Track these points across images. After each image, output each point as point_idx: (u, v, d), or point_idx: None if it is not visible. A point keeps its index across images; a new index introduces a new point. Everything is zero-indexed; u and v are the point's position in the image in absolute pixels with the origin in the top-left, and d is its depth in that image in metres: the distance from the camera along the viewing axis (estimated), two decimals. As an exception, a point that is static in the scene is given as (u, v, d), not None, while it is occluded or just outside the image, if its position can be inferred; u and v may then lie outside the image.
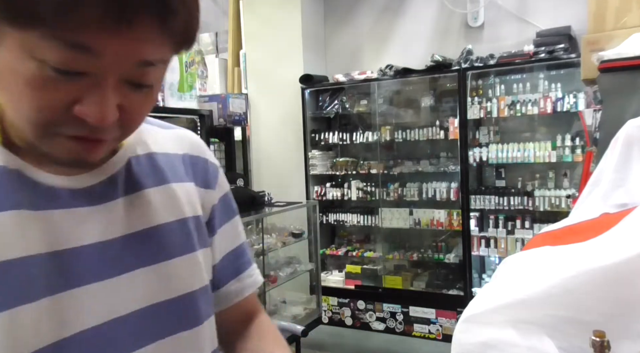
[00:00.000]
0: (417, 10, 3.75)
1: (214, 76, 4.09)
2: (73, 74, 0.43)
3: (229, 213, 0.71)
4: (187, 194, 0.64)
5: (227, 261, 0.70)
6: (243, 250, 0.73)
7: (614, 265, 0.60)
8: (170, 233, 0.60)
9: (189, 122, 2.70)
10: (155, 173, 0.62)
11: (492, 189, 3.43)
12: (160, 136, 0.66)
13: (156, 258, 0.58)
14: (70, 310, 0.50)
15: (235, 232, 0.72)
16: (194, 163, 0.67)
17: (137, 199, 0.58)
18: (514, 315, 0.67)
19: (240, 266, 0.72)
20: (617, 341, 0.56)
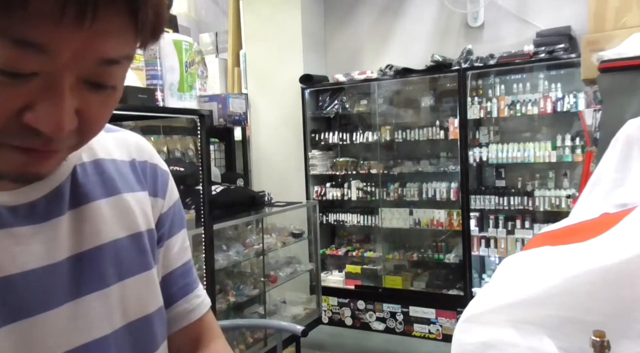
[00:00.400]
0: (417, 10, 3.75)
1: (214, 76, 4.09)
2: (23, 76, 0.35)
3: (178, 224, 0.64)
4: (141, 205, 0.57)
5: (175, 279, 0.63)
6: (190, 267, 0.66)
7: (614, 265, 0.60)
8: (124, 250, 0.54)
9: (189, 122, 2.70)
10: (104, 182, 0.54)
11: (492, 189, 3.43)
12: (106, 141, 0.58)
13: (110, 279, 0.51)
14: (18, 345, 0.43)
15: (182, 246, 0.64)
16: (143, 169, 0.60)
17: (86, 213, 0.51)
18: (514, 315, 0.67)
19: (188, 285, 0.64)
20: (617, 341, 0.56)
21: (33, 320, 0.45)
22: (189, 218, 2.30)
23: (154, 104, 2.02)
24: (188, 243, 0.66)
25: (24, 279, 0.45)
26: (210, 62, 4.02)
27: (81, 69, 0.37)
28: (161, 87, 2.06)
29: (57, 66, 0.36)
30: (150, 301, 0.56)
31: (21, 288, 0.44)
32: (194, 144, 2.85)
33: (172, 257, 0.63)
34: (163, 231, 0.61)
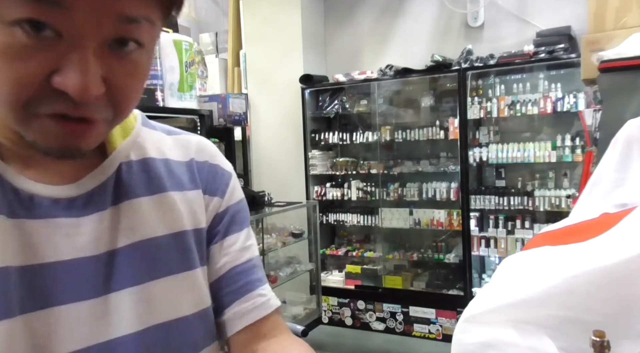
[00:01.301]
0: (417, 10, 3.75)
1: (214, 76, 4.09)
2: (49, 39, 0.38)
3: (239, 223, 0.62)
4: (190, 204, 0.57)
5: (234, 276, 0.60)
6: (253, 265, 0.62)
7: (614, 265, 0.60)
8: (165, 248, 0.53)
9: (189, 122, 2.69)
10: (149, 180, 0.55)
11: (492, 189, 3.43)
12: (164, 142, 0.59)
13: (146, 276, 0.51)
14: (40, 333, 0.44)
15: (244, 245, 0.62)
16: (201, 169, 0.60)
17: (127, 209, 0.51)
18: (514, 315, 0.67)
19: (250, 283, 0.61)
20: (617, 341, 0.56)
21: (57, 309, 0.45)
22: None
23: (154, 104, 2.02)
24: (253, 242, 0.64)
25: (57, 268, 0.46)
26: (210, 62, 4.02)
27: (102, 29, 0.39)
28: (161, 87, 2.06)
29: (77, 25, 0.38)
30: (189, 303, 0.54)
31: (52, 276, 0.45)
32: (194, 144, 2.84)
33: (232, 254, 0.60)
34: (219, 228, 0.60)
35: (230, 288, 0.60)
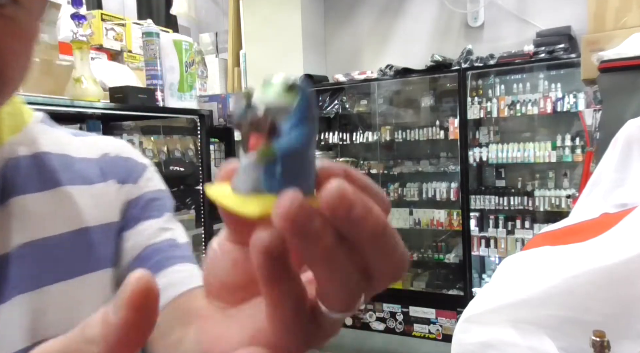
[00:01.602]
0: (417, 10, 3.75)
1: (214, 76, 4.09)
2: None
3: (155, 210, 0.57)
4: (96, 198, 0.52)
5: (146, 256, 0.53)
6: (173, 245, 0.55)
7: (614, 265, 0.60)
8: (64, 248, 0.47)
9: (189, 122, 2.69)
10: (41, 174, 0.49)
11: (492, 189, 3.43)
12: (65, 140, 0.55)
13: (40, 281, 0.45)
14: None
15: (163, 226, 0.56)
16: (114, 161, 0.57)
17: (15, 208, 0.46)
18: (514, 315, 0.67)
19: (166, 260, 0.53)
20: (617, 341, 0.56)
21: None
22: (189, 218, 2.30)
23: (154, 104, 2.02)
24: (176, 228, 0.58)
25: None
26: (210, 62, 4.02)
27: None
28: (161, 87, 2.06)
29: None
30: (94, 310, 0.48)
31: None
32: (194, 144, 2.85)
33: (147, 234, 0.54)
34: (133, 214, 0.55)
35: (143, 266, 0.51)
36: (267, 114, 0.23)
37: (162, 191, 0.61)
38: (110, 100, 1.92)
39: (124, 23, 2.74)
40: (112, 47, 2.63)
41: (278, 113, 0.23)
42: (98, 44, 2.52)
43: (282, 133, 0.23)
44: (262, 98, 0.24)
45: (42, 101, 1.61)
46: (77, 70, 1.68)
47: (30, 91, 1.65)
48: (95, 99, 1.73)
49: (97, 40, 2.51)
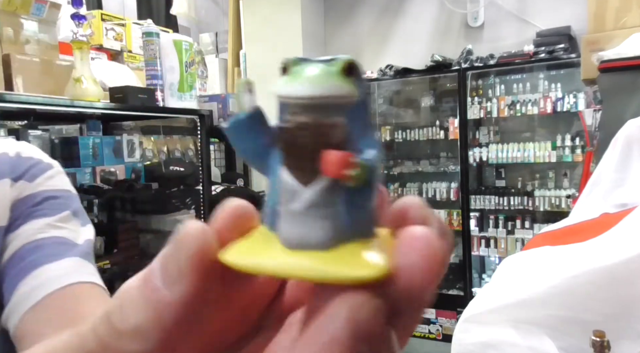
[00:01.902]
0: (417, 10, 3.75)
1: (214, 76, 4.09)
2: None
3: (50, 209, 0.52)
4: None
5: (20, 257, 0.48)
6: (59, 242, 0.50)
7: (614, 265, 0.60)
8: None
9: (189, 122, 2.70)
10: None
11: (492, 189, 3.43)
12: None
13: None
14: None
15: (50, 224, 0.51)
16: (12, 161, 0.53)
17: None
18: (514, 315, 0.67)
19: (41, 258, 0.47)
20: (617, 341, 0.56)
21: None
22: (189, 218, 2.30)
23: (154, 104, 2.02)
24: (74, 228, 0.53)
25: None
26: (210, 62, 4.02)
27: None
28: (161, 87, 2.06)
29: None
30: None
31: None
32: (194, 144, 2.85)
33: (28, 233, 0.49)
34: (23, 213, 0.51)
35: (17, 267, 0.47)
36: (322, 112, 0.16)
37: (66, 191, 0.56)
38: (110, 100, 1.92)
39: (124, 23, 2.74)
40: (112, 47, 2.63)
41: (336, 111, 0.16)
42: (98, 44, 2.53)
43: (352, 143, 0.16)
44: (300, 88, 0.16)
45: (42, 101, 1.61)
46: (77, 70, 1.68)
47: (30, 91, 1.65)
48: (95, 99, 1.73)
49: (97, 40, 2.51)
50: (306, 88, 0.16)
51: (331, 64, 0.16)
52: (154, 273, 0.15)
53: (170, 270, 0.14)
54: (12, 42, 1.68)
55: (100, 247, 2.08)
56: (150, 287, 0.14)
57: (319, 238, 0.16)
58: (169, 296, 0.14)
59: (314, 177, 0.16)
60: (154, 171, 2.43)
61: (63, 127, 2.43)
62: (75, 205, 0.56)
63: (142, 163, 2.47)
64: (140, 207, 2.29)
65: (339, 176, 0.15)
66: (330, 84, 0.15)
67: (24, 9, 1.70)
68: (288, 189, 0.16)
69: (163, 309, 0.14)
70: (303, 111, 0.16)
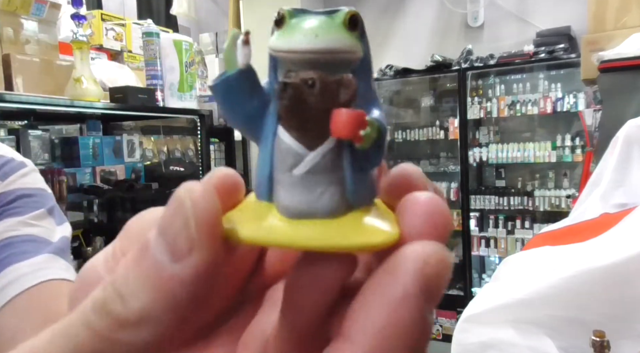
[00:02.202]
0: (417, 10, 3.75)
1: (214, 76, 4.08)
2: None
3: (18, 208, 0.51)
4: None
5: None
6: (32, 240, 0.49)
7: (614, 265, 0.60)
8: None
9: (189, 122, 2.70)
10: None
11: (492, 189, 3.43)
12: None
13: None
14: None
15: (22, 221, 0.50)
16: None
17: None
18: (514, 315, 0.67)
19: (15, 256, 0.47)
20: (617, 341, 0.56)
21: None
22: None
23: (154, 104, 2.02)
24: (50, 225, 0.53)
25: None
26: (210, 62, 4.02)
27: None
28: (161, 87, 2.06)
29: None
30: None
31: None
32: (194, 144, 2.85)
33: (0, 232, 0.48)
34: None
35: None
36: (326, 68, 0.14)
37: (41, 189, 0.55)
38: (110, 100, 1.92)
39: (124, 23, 2.74)
40: (112, 47, 2.63)
41: (340, 68, 0.14)
42: (98, 44, 2.52)
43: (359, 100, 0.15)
44: (303, 40, 0.14)
45: (42, 101, 1.61)
46: (77, 70, 1.68)
47: (30, 91, 1.65)
48: (95, 99, 1.73)
49: (97, 40, 2.51)
50: (309, 41, 0.14)
51: (333, 16, 0.14)
52: (153, 247, 0.13)
53: (178, 242, 0.12)
54: (12, 42, 1.68)
55: (101, 247, 2.08)
56: (152, 264, 0.13)
57: (325, 205, 0.14)
58: (180, 271, 0.12)
59: (320, 139, 0.14)
60: (154, 171, 2.43)
61: (63, 127, 2.43)
62: (50, 203, 0.55)
63: (142, 163, 2.46)
64: (140, 207, 2.28)
65: (351, 136, 0.14)
66: (335, 37, 0.14)
67: (24, 9, 1.70)
68: (290, 152, 0.15)
69: (174, 287, 0.12)
70: (305, 66, 0.14)
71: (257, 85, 0.17)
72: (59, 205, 0.55)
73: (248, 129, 0.16)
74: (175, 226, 0.13)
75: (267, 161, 0.15)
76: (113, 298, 0.13)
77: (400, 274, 0.13)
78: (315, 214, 0.14)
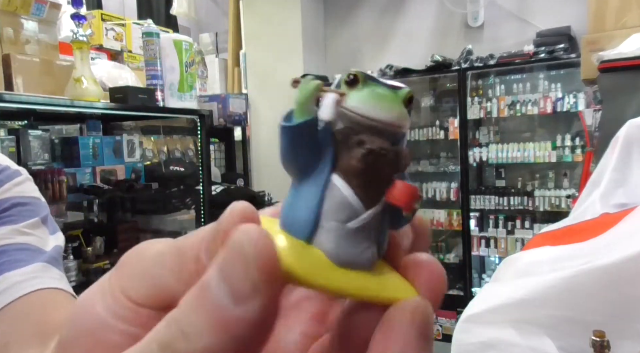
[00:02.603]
0: (417, 11, 3.75)
1: (214, 76, 4.09)
2: None
3: (12, 216, 0.51)
4: None
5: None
6: (24, 248, 0.50)
7: (614, 265, 0.60)
8: None
9: (189, 123, 2.70)
10: None
11: (492, 189, 3.43)
12: None
13: None
14: None
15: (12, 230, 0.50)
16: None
17: None
18: (514, 315, 0.67)
19: (6, 264, 0.47)
20: (617, 341, 0.56)
21: None
22: (189, 218, 2.30)
23: (154, 104, 2.02)
24: (44, 234, 0.53)
25: None
26: (210, 62, 4.02)
27: None
28: (161, 87, 2.06)
29: None
30: None
31: None
32: (194, 144, 2.85)
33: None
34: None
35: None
36: (389, 138, 0.16)
37: (36, 198, 0.55)
38: (110, 100, 1.92)
39: (124, 23, 2.74)
40: (112, 47, 2.63)
41: (396, 139, 0.17)
42: (98, 44, 2.53)
43: None
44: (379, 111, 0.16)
45: (42, 101, 1.61)
46: (77, 70, 1.68)
47: (30, 91, 1.65)
48: (95, 99, 1.73)
49: (97, 40, 2.51)
50: (383, 114, 0.16)
51: (398, 92, 0.17)
52: (215, 290, 0.13)
53: (240, 286, 0.13)
54: (12, 42, 1.68)
55: (101, 247, 2.08)
56: (215, 307, 0.13)
57: (367, 259, 0.16)
58: (244, 314, 0.13)
59: (375, 200, 0.16)
60: (154, 171, 2.43)
61: (63, 127, 2.44)
62: (44, 213, 0.55)
63: (142, 163, 2.47)
64: (140, 207, 2.29)
65: (406, 207, 0.16)
66: (401, 113, 0.16)
67: (24, 9, 1.70)
68: (347, 206, 0.16)
69: (237, 328, 0.13)
70: (374, 134, 0.16)
71: (316, 133, 0.17)
72: (59, 205, 0.55)
73: (298, 169, 0.17)
74: (237, 271, 0.13)
75: (314, 204, 0.17)
76: (178, 336, 0.13)
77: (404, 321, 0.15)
78: (357, 266, 0.16)
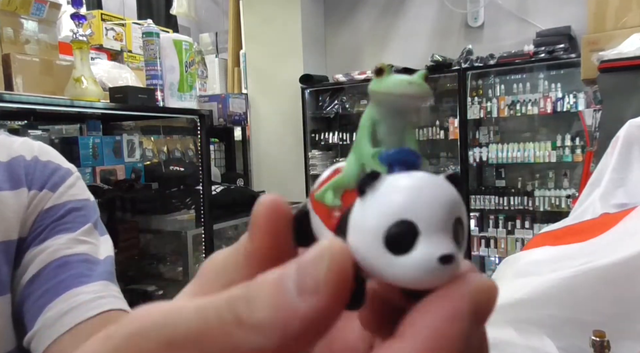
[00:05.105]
0: (417, 10, 3.75)
1: (214, 76, 4.09)
2: None
3: (73, 223, 0.51)
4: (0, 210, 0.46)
5: (48, 274, 0.47)
6: (85, 260, 0.49)
7: (614, 265, 0.60)
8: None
9: (189, 122, 2.70)
10: None
11: (492, 189, 3.43)
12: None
13: None
14: None
15: (76, 238, 0.50)
16: (29, 166, 0.51)
17: None
18: (514, 315, 0.67)
19: (71, 279, 0.47)
20: (617, 341, 0.56)
21: None
22: (189, 218, 2.30)
23: (154, 104, 2.02)
24: (96, 242, 0.53)
25: None
26: (210, 62, 4.02)
27: None
28: (161, 87, 2.06)
29: None
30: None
31: None
32: (194, 144, 2.85)
33: (53, 249, 0.48)
34: (46, 226, 0.50)
35: (44, 287, 0.46)
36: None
37: (87, 200, 0.55)
38: (110, 100, 1.92)
39: (124, 23, 2.74)
40: (112, 47, 2.63)
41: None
42: (98, 44, 2.53)
43: None
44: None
45: (42, 101, 1.61)
46: (77, 70, 1.68)
47: (30, 91, 1.65)
48: (95, 99, 1.73)
49: (97, 40, 2.51)
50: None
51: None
52: (287, 277, 0.14)
53: (307, 281, 0.14)
54: (12, 42, 1.68)
55: (100, 247, 2.07)
56: (281, 290, 0.14)
57: None
58: (299, 306, 0.13)
59: None
60: (154, 171, 2.43)
61: (63, 127, 2.43)
62: (95, 215, 0.55)
63: (142, 163, 2.46)
64: (140, 207, 2.29)
65: None
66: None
67: (24, 9, 1.70)
68: None
69: (289, 317, 0.13)
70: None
71: None
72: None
73: None
74: (309, 267, 0.14)
75: None
76: (243, 301, 0.14)
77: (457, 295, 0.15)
78: None
